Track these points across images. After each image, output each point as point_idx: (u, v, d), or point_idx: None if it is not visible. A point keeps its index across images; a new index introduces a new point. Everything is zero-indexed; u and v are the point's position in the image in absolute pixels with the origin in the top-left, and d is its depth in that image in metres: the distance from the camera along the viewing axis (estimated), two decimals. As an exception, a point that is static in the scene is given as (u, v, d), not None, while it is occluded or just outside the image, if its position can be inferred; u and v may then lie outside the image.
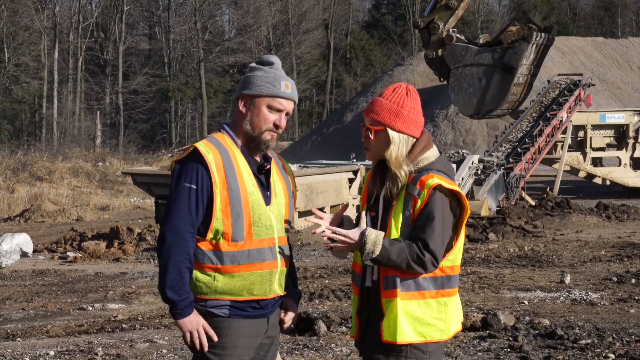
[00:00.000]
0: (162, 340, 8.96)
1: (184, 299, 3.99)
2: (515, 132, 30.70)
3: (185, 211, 4.01)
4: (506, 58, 17.50)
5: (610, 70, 60.61)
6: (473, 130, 54.13)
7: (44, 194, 30.17)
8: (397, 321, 3.99)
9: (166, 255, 3.99)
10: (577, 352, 8.10)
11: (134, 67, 64.23)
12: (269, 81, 4.14)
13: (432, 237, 3.94)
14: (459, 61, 19.06)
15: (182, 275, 3.99)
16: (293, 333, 9.04)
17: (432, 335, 4.02)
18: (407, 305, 4.00)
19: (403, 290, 4.00)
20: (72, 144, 48.46)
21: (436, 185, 3.96)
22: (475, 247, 16.55)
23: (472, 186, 23.51)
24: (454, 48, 18.49)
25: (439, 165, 4.07)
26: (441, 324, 4.04)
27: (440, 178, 3.99)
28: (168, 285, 3.98)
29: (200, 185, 4.02)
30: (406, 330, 3.99)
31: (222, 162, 4.04)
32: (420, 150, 4.07)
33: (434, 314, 4.03)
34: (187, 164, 4.04)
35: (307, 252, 16.59)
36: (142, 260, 16.13)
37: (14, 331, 10.08)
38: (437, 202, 3.97)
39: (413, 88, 4.13)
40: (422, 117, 4.13)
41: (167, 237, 4.00)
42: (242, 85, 4.18)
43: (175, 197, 4.03)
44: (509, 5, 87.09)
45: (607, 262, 14.40)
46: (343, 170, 21.56)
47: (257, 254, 4.09)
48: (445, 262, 4.03)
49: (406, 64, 65.34)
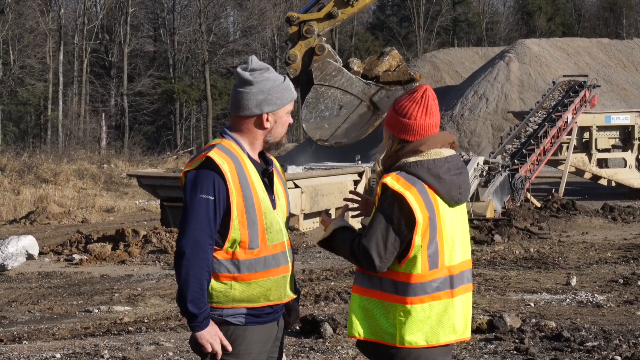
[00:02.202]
0: (168, 343, 8.96)
1: (203, 311, 3.97)
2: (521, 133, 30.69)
3: (204, 223, 3.96)
4: (376, 98, 16.30)
5: (615, 71, 60.52)
6: (478, 131, 54.08)
7: (50, 196, 30.20)
8: (350, 314, 4.05)
9: (186, 269, 3.94)
10: (583, 354, 8.09)
11: (139, 69, 64.28)
12: (284, 89, 4.12)
13: (368, 233, 3.95)
14: (326, 79, 18.23)
15: (203, 288, 3.97)
16: (299, 335, 9.03)
17: (383, 337, 4.02)
18: (364, 301, 4.03)
19: (360, 285, 4.05)
20: (77, 146, 48.51)
21: (384, 184, 3.96)
22: (480, 249, 16.53)
23: (478, 188, 23.50)
24: (325, 65, 17.50)
25: (415, 169, 4.00)
26: (392, 329, 4.00)
27: (396, 178, 3.96)
28: (189, 299, 3.94)
29: (218, 196, 3.97)
30: (357, 325, 4.03)
31: (236, 171, 4.01)
32: (404, 154, 4.03)
33: (385, 316, 4.01)
34: (201, 174, 3.99)
35: (312, 254, 16.58)
36: (148, 263, 16.13)
37: (20, 333, 10.08)
38: (382, 201, 3.97)
39: (426, 91, 4.09)
40: (422, 120, 4.06)
41: (186, 250, 3.95)
42: (259, 102, 4.08)
43: (193, 208, 3.98)
44: (514, 7, 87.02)
45: (613, 264, 14.38)
46: (348, 172, 21.55)
47: (273, 259, 4.09)
48: (402, 268, 3.98)
49: (411, 65, 65.32)
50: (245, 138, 4.13)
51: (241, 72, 4.10)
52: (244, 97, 4.09)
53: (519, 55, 57.81)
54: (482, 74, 57.54)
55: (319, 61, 18.42)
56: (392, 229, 3.93)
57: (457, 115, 55.25)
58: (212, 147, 4.07)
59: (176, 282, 4.03)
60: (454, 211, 4.08)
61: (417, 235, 3.94)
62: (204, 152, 4.03)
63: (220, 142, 4.11)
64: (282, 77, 4.13)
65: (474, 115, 54.89)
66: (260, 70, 4.11)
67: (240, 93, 4.10)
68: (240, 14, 70.19)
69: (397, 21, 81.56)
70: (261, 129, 4.12)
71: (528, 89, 55.13)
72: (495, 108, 54.75)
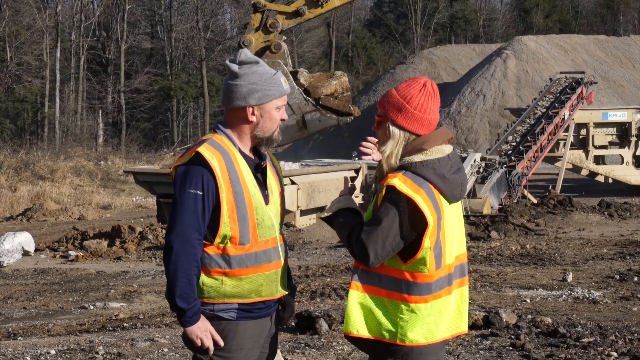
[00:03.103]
0: (163, 339, 8.95)
1: (192, 306, 3.95)
2: (518, 130, 30.68)
3: (192, 218, 3.95)
4: (309, 117, 15.43)
5: (612, 68, 60.58)
6: (475, 128, 54.10)
7: (46, 192, 30.19)
8: (347, 311, 3.99)
9: (174, 264, 3.93)
10: (579, 350, 8.08)
11: (136, 66, 64.22)
12: (272, 84, 4.08)
13: (368, 229, 3.88)
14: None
15: (192, 283, 3.95)
16: (294, 332, 9.02)
17: (382, 334, 3.97)
18: (362, 297, 3.97)
19: (359, 281, 3.98)
20: (74, 143, 48.48)
21: (391, 186, 3.88)
22: (477, 245, 16.53)
23: (475, 184, 23.50)
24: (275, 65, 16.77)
25: (421, 169, 3.93)
26: (393, 326, 3.96)
27: (403, 180, 3.89)
28: (177, 294, 3.93)
29: (207, 191, 3.96)
30: (355, 322, 3.97)
31: (226, 166, 3.99)
32: (409, 150, 3.97)
33: (385, 314, 3.96)
34: (191, 170, 3.98)
35: (308, 250, 16.57)
36: (144, 259, 16.12)
37: (15, 330, 10.07)
38: (387, 202, 3.88)
39: (432, 84, 4.02)
40: (433, 115, 4.00)
41: (174, 245, 3.94)
42: (243, 95, 4.05)
43: (181, 203, 3.97)
44: (511, 3, 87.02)
45: (610, 260, 14.38)
46: (345, 168, 21.56)
47: (264, 255, 4.07)
48: (407, 266, 3.94)
49: (408, 62, 65.34)
50: (234, 132, 4.11)
51: (229, 65, 4.09)
52: (231, 89, 4.07)
53: (516, 52, 57.84)
54: (479, 71, 57.58)
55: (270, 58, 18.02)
56: (395, 231, 3.87)
57: (454, 112, 55.26)
58: (203, 142, 4.04)
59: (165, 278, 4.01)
60: (452, 207, 4.04)
61: (427, 237, 3.89)
62: (194, 148, 4.01)
63: (211, 137, 4.08)
64: (272, 72, 4.09)
65: (471, 112, 54.92)
66: (249, 63, 4.08)
67: (228, 85, 4.09)
68: (237, 10, 70.16)
69: (394, 18, 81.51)
70: (246, 122, 4.08)
71: (525, 86, 55.17)
72: (493, 105, 54.79)
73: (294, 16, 16.98)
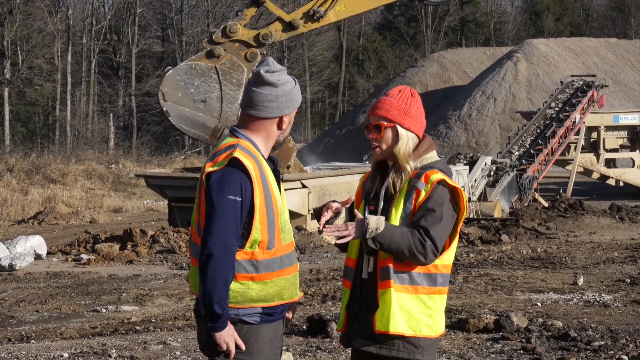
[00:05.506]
0: (176, 342, 8.99)
1: (225, 312, 4.00)
2: (528, 133, 30.67)
3: (231, 224, 3.97)
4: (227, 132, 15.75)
5: (623, 71, 60.43)
6: (486, 131, 54.05)
7: (58, 196, 30.29)
8: (391, 311, 4.11)
9: (214, 270, 3.95)
10: (590, 353, 8.08)
11: (147, 69, 64.34)
12: (298, 91, 4.18)
13: (434, 225, 4.09)
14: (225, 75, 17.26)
15: (228, 289, 4.00)
16: (306, 335, 9.05)
17: (421, 331, 4.15)
18: (401, 297, 4.13)
19: (397, 282, 4.14)
20: (85, 147, 48.61)
21: (440, 180, 4.16)
22: (488, 248, 16.52)
23: (485, 188, 23.50)
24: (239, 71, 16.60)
25: (440, 166, 4.26)
26: (430, 320, 4.17)
27: (443, 175, 4.19)
28: (216, 300, 3.95)
29: (244, 197, 3.99)
30: (399, 321, 4.12)
31: (259, 171, 4.04)
32: (425, 149, 4.28)
33: (424, 310, 4.16)
34: (228, 175, 3.99)
35: (320, 253, 16.60)
36: (156, 263, 16.16)
37: (28, 333, 10.12)
38: (440, 195, 4.14)
39: (415, 91, 4.36)
40: (424, 119, 4.36)
41: (214, 251, 3.95)
42: (282, 104, 4.11)
43: (220, 209, 3.97)
44: (522, 7, 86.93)
45: (621, 264, 14.36)
46: (355, 172, 21.57)
47: (287, 258, 4.13)
48: (439, 260, 4.16)
49: (418, 65, 65.30)
50: (260, 138, 4.14)
51: (264, 74, 4.10)
52: (268, 99, 4.09)
53: (527, 55, 57.77)
54: (489, 74, 57.52)
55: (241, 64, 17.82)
56: (448, 221, 4.16)
57: (464, 115, 55.23)
58: (234, 146, 4.05)
59: (200, 282, 4.00)
60: None
61: (459, 226, 4.23)
62: (228, 152, 4.02)
63: (238, 142, 4.09)
64: (293, 79, 4.19)
65: (481, 115, 54.87)
66: (280, 71, 4.14)
67: (262, 95, 4.10)
68: (248, 14, 70.20)
69: (404, 21, 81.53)
70: (279, 129, 4.17)
71: (536, 89, 55.10)
72: (503, 108, 54.74)
73: (288, 29, 17.04)
